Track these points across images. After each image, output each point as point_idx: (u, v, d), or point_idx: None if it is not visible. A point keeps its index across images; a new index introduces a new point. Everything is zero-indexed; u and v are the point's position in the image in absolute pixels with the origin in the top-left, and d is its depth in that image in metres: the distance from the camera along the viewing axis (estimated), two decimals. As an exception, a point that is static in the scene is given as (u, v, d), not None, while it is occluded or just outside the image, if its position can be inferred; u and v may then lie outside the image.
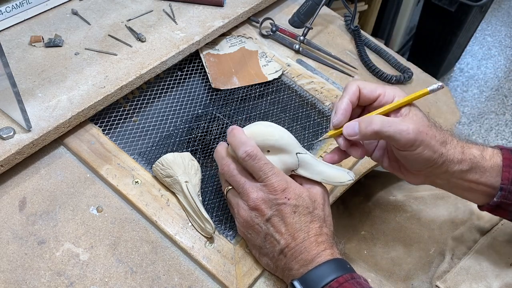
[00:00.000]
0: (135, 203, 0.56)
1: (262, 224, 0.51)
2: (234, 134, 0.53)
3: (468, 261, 0.57)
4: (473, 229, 0.62)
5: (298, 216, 0.50)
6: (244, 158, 0.51)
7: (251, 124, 0.55)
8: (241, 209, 0.52)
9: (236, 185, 0.53)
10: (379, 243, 0.68)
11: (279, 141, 0.53)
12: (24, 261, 0.51)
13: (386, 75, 0.82)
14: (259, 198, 0.51)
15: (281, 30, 0.83)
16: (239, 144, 0.52)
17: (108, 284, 0.51)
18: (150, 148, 0.64)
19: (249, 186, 0.51)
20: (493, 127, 1.90)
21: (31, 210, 0.54)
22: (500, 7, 2.50)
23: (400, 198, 0.74)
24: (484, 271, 0.56)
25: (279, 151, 0.53)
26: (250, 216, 0.51)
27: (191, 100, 0.72)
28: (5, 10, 0.68)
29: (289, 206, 0.50)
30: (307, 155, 0.54)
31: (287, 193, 0.50)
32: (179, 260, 0.54)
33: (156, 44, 0.71)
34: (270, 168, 0.51)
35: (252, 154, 0.51)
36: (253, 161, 0.51)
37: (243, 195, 0.52)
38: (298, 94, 0.76)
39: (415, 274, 0.62)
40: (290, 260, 0.50)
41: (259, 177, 0.51)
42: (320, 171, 0.54)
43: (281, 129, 0.54)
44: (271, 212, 0.50)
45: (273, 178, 0.50)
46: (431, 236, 0.66)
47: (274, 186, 0.50)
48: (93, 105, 0.61)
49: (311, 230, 0.50)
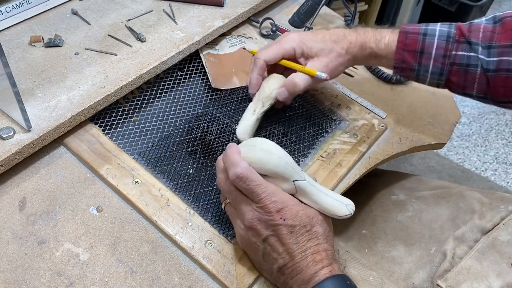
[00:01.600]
0: (135, 203, 0.56)
1: (259, 243, 0.51)
2: (227, 154, 0.52)
3: (469, 261, 0.57)
4: (475, 229, 0.62)
5: (295, 236, 0.49)
6: (235, 180, 0.50)
7: (248, 143, 0.53)
8: (238, 227, 0.52)
9: (232, 202, 0.53)
10: (380, 242, 0.68)
11: (274, 169, 0.51)
12: (24, 261, 0.51)
13: (386, 75, 0.82)
14: (255, 218, 0.50)
15: (281, 30, 0.83)
16: (230, 165, 0.51)
17: (108, 284, 0.51)
18: (150, 148, 0.64)
19: (244, 206, 0.51)
20: (493, 127, 1.90)
21: (31, 210, 0.54)
22: (500, 7, 2.50)
23: (401, 198, 0.74)
24: (485, 271, 0.56)
25: (276, 177, 0.52)
26: (247, 235, 0.51)
27: (191, 100, 0.72)
28: (5, 10, 0.68)
29: (285, 227, 0.49)
30: (305, 182, 0.52)
31: (282, 214, 0.49)
32: (179, 260, 0.54)
33: (156, 44, 0.71)
34: (263, 189, 0.49)
35: (242, 176, 0.49)
36: (244, 184, 0.49)
37: (239, 214, 0.52)
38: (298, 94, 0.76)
39: (416, 273, 0.62)
40: (289, 278, 0.50)
41: (253, 199, 0.50)
42: (317, 200, 0.52)
43: (279, 156, 0.51)
44: (267, 233, 0.50)
45: (267, 199, 0.49)
46: (432, 235, 0.66)
47: (268, 208, 0.49)
48: (93, 105, 0.61)
49: (308, 249, 0.49)
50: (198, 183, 0.61)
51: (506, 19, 0.62)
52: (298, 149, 0.68)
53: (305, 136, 0.70)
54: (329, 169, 0.65)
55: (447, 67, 0.62)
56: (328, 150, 0.68)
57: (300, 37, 0.66)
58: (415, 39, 0.63)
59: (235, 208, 0.52)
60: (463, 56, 0.61)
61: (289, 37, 0.67)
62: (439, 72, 0.63)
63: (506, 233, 0.59)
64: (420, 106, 0.80)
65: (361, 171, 0.68)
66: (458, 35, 0.62)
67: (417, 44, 0.63)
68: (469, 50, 0.61)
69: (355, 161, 0.67)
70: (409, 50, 0.63)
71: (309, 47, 0.65)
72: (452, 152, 1.77)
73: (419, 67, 0.63)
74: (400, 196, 0.74)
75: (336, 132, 0.71)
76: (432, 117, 0.78)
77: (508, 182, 1.68)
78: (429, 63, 0.63)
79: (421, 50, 0.62)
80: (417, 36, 0.63)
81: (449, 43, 0.62)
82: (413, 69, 0.64)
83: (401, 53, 0.64)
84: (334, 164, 0.66)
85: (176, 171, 0.62)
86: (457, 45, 0.61)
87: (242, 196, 0.51)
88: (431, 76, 0.64)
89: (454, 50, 0.61)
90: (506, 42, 0.60)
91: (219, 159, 0.55)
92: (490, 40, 0.61)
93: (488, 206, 0.65)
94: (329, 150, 0.68)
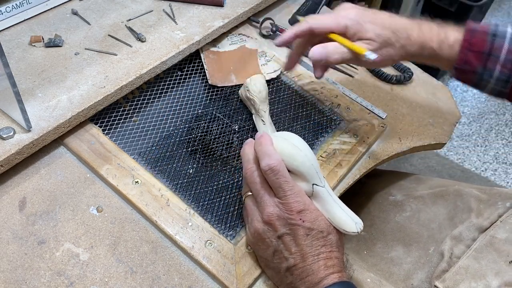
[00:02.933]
0: (135, 203, 0.56)
1: (274, 239, 0.51)
2: (261, 143, 0.52)
3: (467, 260, 0.57)
4: (472, 228, 0.62)
5: (310, 239, 0.49)
6: (266, 171, 0.50)
7: (281, 135, 0.54)
8: (255, 219, 0.52)
9: (255, 193, 0.53)
10: (379, 243, 0.68)
11: (299, 167, 0.51)
12: (24, 261, 0.51)
13: (386, 75, 0.82)
14: (274, 213, 0.50)
15: (281, 30, 0.83)
16: (264, 155, 0.51)
17: (108, 284, 0.51)
18: (150, 148, 0.64)
19: (267, 199, 0.51)
20: (493, 127, 1.90)
21: (31, 210, 0.54)
22: (500, 7, 2.50)
23: (399, 198, 0.74)
24: (483, 270, 0.55)
25: (298, 175, 0.52)
26: (263, 229, 0.51)
27: (191, 100, 0.72)
28: (5, 10, 0.68)
29: (303, 229, 0.49)
30: (324, 189, 0.52)
31: (302, 215, 0.50)
32: (179, 260, 0.54)
33: (156, 44, 0.71)
34: (290, 187, 0.50)
35: (275, 168, 0.50)
36: (275, 176, 0.50)
37: (260, 206, 0.52)
38: (298, 94, 0.76)
39: (414, 274, 0.62)
40: (297, 280, 0.50)
41: (277, 193, 0.50)
42: (330, 210, 0.52)
43: (306, 154, 0.52)
44: (284, 230, 0.50)
45: (291, 198, 0.50)
46: (431, 235, 0.66)
47: (290, 206, 0.49)
48: (93, 105, 0.61)
49: (321, 253, 0.49)
50: (198, 183, 0.62)
51: None
52: (298, 149, 0.68)
53: (305, 136, 0.70)
54: (329, 169, 0.65)
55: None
56: (328, 150, 0.68)
57: (358, 16, 0.59)
58: (483, 39, 0.57)
59: (257, 199, 0.52)
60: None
61: (347, 11, 0.60)
62: (505, 79, 0.57)
63: (503, 231, 0.59)
64: (420, 106, 0.80)
65: (361, 171, 0.68)
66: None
67: (485, 45, 0.56)
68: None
69: (355, 161, 0.67)
70: (474, 50, 0.57)
71: (365, 29, 0.58)
72: (452, 152, 1.77)
73: (483, 70, 0.57)
74: (397, 197, 0.74)
75: (336, 132, 0.71)
76: (432, 117, 0.79)
77: (508, 182, 1.68)
78: (495, 67, 0.56)
79: (489, 52, 0.56)
80: (486, 36, 0.57)
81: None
82: (476, 72, 0.58)
83: (465, 53, 0.57)
84: (334, 164, 0.66)
85: (176, 171, 0.62)
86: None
87: (268, 188, 0.51)
88: (495, 82, 0.57)
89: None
90: None
91: (245, 148, 0.55)
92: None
93: (486, 203, 0.65)
94: (329, 150, 0.68)
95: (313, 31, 0.60)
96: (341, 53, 0.58)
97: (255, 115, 0.69)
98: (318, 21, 0.60)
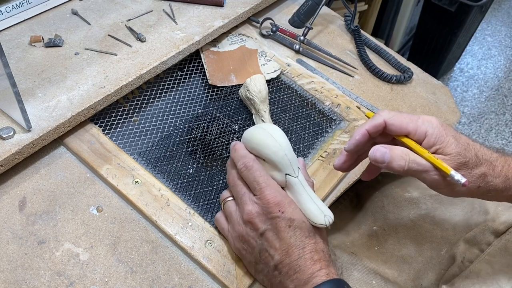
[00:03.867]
0: (135, 203, 0.56)
1: (257, 239, 0.50)
2: (235, 149, 0.54)
3: (479, 264, 0.56)
4: (487, 231, 0.60)
5: (293, 230, 0.49)
6: (241, 168, 0.51)
7: (260, 125, 0.55)
8: (236, 223, 0.52)
9: (236, 194, 0.53)
10: (391, 239, 0.67)
11: (270, 156, 0.52)
12: (24, 261, 0.51)
13: (386, 75, 0.82)
14: (254, 211, 0.50)
15: (281, 30, 0.83)
16: (239, 157, 0.53)
17: (108, 284, 0.51)
18: (150, 148, 0.64)
19: (246, 198, 0.51)
20: (493, 127, 1.90)
21: (31, 210, 0.54)
22: (500, 7, 2.50)
23: (415, 195, 0.72)
24: (497, 274, 0.54)
25: (270, 164, 0.52)
26: (245, 230, 0.51)
27: (191, 100, 0.72)
28: (5, 10, 0.68)
29: (284, 220, 0.49)
30: (297, 180, 0.52)
31: (281, 206, 0.49)
32: (179, 260, 0.54)
33: (156, 44, 0.71)
34: (264, 179, 0.50)
35: (248, 165, 0.51)
36: (248, 172, 0.51)
37: (240, 205, 0.52)
38: (298, 94, 0.76)
39: (425, 274, 0.61)
40: (285, 278, 0.49)
41: (253, 189, 0.51)
42: (300, 200, 0.51)
43: (280, 144, 0.52)
44: (265, 226, 0.49)
45: (267, 190, 0.50)
46: (444, 236, 0.64)
47: (267, 198, 0.49)
48: (93, 105, 0.61)
49: (306, 246, 0.49)
50: (198, 183, 0.62)
51: None
52: (298, 149, 0.68)
53: (305, 136, 0.70)
54: (329, 169, 0.65)
55: None
56: (328, 150, 0.68)
57: (443, 126, 0.51)
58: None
59: (238, 201, 0.52)
60: None
61: (429, 118, 0.52)
62: None
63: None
64: (420, 106, 0.80)
65: (361, 171, 0.67)
66: None
67: None
68: None
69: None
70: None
71: (446, 142, 0.50)
72: (452, 152, 1.77)
73: None
74: (413, 194, 0.73)
75: (336, 132, 0.71)
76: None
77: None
78: None
79: None
80: None
81: None
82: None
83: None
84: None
85: (176, 171, 0.62)
86: None
87: (246, 189, 0.52)
88: None
89: None
90: None
91: (229, 159, 0.56)
92: None
93: (503, 206, 0.63)
94: (329, 150, 0.68)
95: (386, 128, 0.52)
96: (409, 162, 0.49)
97: (255, 115, 0.69)
98: (395, 116, 0.51)
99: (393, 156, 0.49)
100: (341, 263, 0.63)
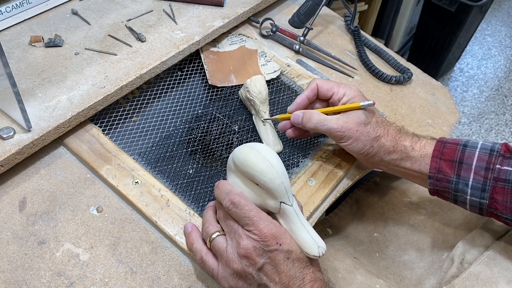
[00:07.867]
0: (135, 204, 0.56)
1: (255, 274, 0.48)
2: (219, 187, 0.52)
3: (478, 266, 0.56)
4: (486, 233, 0.60)
5: (291, 262, 0.48)
6: (228, 206, 0.49)
7: (253, 146, 0.51)
8: (230, 260, 0.49)
9: (228, 230, 0.50)
10: (392, 245, 0.67)
11: (267, 184, 0.49)
12: (24, 261, 0.51)
13: (386, 76, 0.82)
14: (250, 245, 0.48)
15: (281, 31, 0.83)
16: (223, 195, 0.50)
17: (108, 284, 0.51)
18: (150, 148, 0.64)
19: (241, 232, 0.49)
20: (493, 127, 1.90)
21: (31, 210, 0.55)
22: (500, 7, 2.50)
23: (415, 200, 0.72)
24: (496, 277, 0.54)
25: (266, 191, 0.50)
26: (242, 266, 0.48)
27: (191, 100, 0.72)
28: (5, 10, 0.68)
29: (282, 253, 0.48)
30: (291, 208, 0.50)
31: (278, 239, 0.48)
32: (179, 260, 0.54)
33: (156, 44, 0.71)
34: (255, 213, 0.48)
35: (235, 201, 0.49)
36: (237, 209, 0.49)
37: (234, 240, 0.49)
38: (298, 94, 0.76)
39: (426, 279, 0.61)
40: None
41: (245, 224, 0.48)
42: (294, 230, 0.50)
43: (277, 171, 0.49)
44: (263, 260, 0.47)
45: (260, 223, 0.48)
46: (445, 240, 0.64)
47: (263, 232, 0.47)
48: (93, 105, 0.61)
49: (305, 276, 0.48)
50: (198, 184, 0.62)
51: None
52: (298, 149, 0.68)
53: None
54: (329, 170, 0.65)
55: (490, 182, 0.54)
56: (327, 150, 0.68)
57: (359, 92, 0.63)
58: (453, 149, 0.57)
59: (231, 236, 0.50)
60: (510, 172, 0.53)
61: (352, 86, 0.64)
62: (481, 188, 0.55)
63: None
64: (419, 107, 0.80)
65: (360, 171, 0.68)
66: (504, 150, 0.55)
67: (455, 154, 0.57)
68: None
69: (355, 162, 0.67)
70: (446, 159, 0.57)
71: (358, 98, 0.62)
72: (452, 152, 1.77)
73: (457, 178, 0.56)
74: (413, 198, 0.73)
75: (336, 133, 0.71)
76: (431, 117, 0.79)
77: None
78: (469, 175, 0.55)
79: (460, 160, 0.56)
80: (456, 146, 0.57)
81: (492, 156, 0.55)
82: (451, 180, 0.56)
83: (437, 162, 0.57)
84: (333, 164, 0.66)
85: (176, 172, 0.62)
86: (502, 159, 0.54)
87: (238, 224, 0.50)
88: (471, 191, 0.55)
89: (499, 164, 0.54)
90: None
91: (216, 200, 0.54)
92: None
93: None
94: (329, 150, 0.68)
95: (318, 90, 0.64)
96: (316, 122, 0.61)
97: (255, 115, 0.69)
98: (324, 82, 0.64)
99: (304, 118, 0.62)
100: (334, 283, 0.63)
